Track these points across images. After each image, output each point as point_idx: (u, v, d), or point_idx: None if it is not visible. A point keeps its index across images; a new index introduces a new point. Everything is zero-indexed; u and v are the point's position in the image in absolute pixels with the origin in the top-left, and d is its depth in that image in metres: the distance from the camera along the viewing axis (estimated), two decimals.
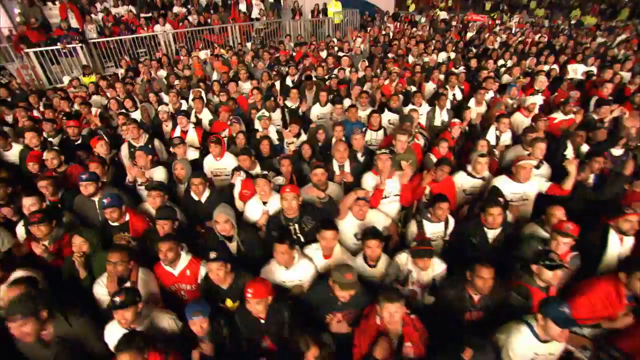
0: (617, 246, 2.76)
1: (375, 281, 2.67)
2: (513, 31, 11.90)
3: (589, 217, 2.97)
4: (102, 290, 2.45)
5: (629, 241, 2.81)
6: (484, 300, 2.39)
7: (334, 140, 4.08)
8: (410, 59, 8.02)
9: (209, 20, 10.56)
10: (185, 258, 2.64)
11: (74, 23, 8.89)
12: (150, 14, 10.16)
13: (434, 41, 9.31)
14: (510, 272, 2.55)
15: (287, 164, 3.55)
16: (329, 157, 3.71)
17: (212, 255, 2.41)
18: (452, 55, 8.26)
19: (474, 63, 7.38)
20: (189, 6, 10.98)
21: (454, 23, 13.03)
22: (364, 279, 2.57)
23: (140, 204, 3.44)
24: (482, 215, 2.84)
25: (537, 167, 3.65)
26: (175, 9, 10.79)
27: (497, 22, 14.42)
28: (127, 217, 2.96)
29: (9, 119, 5.57)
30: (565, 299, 2.20)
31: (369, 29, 11.83)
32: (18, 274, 2.50)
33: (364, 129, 4.43)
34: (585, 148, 4.13)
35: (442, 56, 8.24)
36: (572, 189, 3.17)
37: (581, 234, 2.56)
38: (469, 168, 3.48)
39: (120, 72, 7.86)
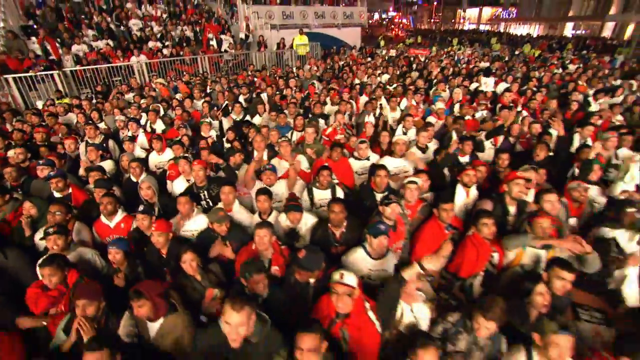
0: (462, 197, 3.57)
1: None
2: (461, 59, 13.49)
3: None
4: (40, 240, 3.13)
5: (473, 192, 3.62)
6: (344, 236, 3.14)
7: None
8: (356, 80, 9.22)
9: (181, 52, 11.78)
10: (120, 214, 3.38)
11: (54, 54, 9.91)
12: (127, 47, 11.31)
13: (381, 67, 10.62)
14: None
15: (205, 153, 4.32)
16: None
17: (140, 208, 3.17)
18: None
19: (408, 81, 8.60)
20: (164, 41, 12.25)
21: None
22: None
23: None
24: (372, 180, 3.63)
25: (424, 151, 4.58)
26: (151, 44, 12.01)
27: (448, 53, 16.20)
28: (70, 190, 3.69)
29: None
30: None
31: (327, 59, 13.23)
32: None
33: (291, 130, 5.36)
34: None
35: (385, 77, 9.47)
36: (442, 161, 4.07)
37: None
38: (355, 153, 4.35)
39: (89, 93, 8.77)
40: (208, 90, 8.52)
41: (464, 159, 4.32)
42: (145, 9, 13.76)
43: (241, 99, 7.53)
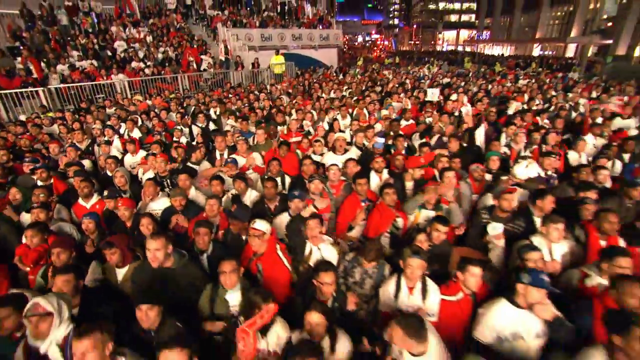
0: (376, 180, 4.35)
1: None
2: (425, 76, 14.75)
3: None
4: (26, 216, 3.76)
5: (385, 176, 4.39)
6: (277, 208, 3.85)
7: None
8: (324, 95, 10.17)
9: (162, 72, 12.64)
10: (95, 197, 4.06)
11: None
12: (110, 67, 12.12)
13: (348, 84, 11.67)
14: None
15: (180, 151, 5.07)
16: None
17: (105, 193, 3.86)
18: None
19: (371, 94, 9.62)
20: (147, 61, 13.12)
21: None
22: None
23: None
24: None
25: (360, 149, 5.40)
26: (134, 64, 12.86)
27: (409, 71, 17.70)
28: (52, 181, 4.35)
29: None
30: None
31: (299, 77, 14.32)
32: None
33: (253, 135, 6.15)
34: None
35: (349, 92, 10.46)
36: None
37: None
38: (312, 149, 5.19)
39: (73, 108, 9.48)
40: (185, 105, 9.33)
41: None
42: (129, 32, 14.70)
43: (212, 111, 8.35)
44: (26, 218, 3.70)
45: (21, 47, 11.77)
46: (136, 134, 6.82)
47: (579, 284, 2.76)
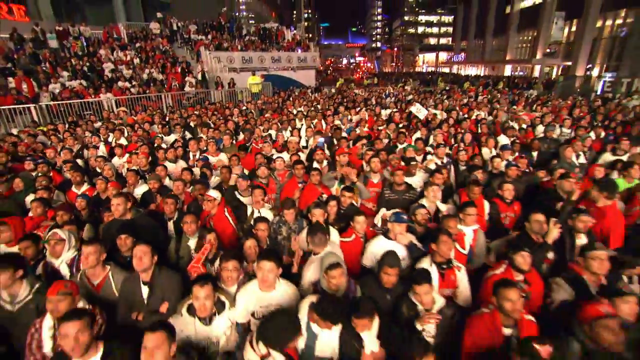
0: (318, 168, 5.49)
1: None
2: (390, 94, 16.34)
3: None
4: (30, 197, 4.74)
5: (324, 164, 5.55)
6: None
7: None
8: (294, 109, 11.46)
9: (147, 91, 13.81)
10: (86, 185, 5.07)
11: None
12: (98, 87, 13.24)
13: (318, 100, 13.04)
14: None
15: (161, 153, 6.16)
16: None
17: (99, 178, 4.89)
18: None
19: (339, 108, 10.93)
20: (133, 81, 14.30)
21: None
22: None
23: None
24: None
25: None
26: (120, 84, 14.01)
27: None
28: (51, 173, 5.35)
29: None
30: None
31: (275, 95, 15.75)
32: None
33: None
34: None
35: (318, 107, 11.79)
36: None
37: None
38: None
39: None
40: (167, 119, 10.45)
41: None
42: (117, 54, 15.94)
43: (191, 123, 9.50)
44: (30, 198, 4.70)
45: (13, 68, 12.85)
46: (123, 142, 7.89)
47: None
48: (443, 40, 64.75)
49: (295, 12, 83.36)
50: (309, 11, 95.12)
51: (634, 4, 24.98)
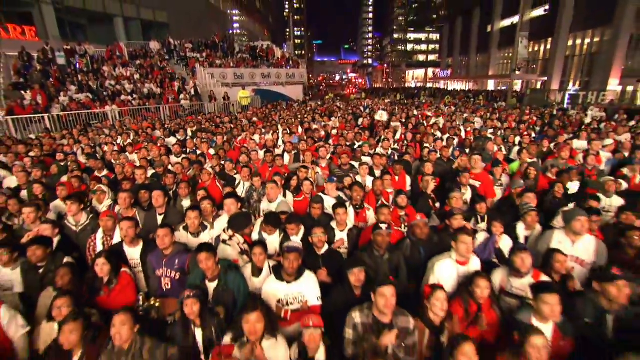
0: (287, 159, 7.14)
1: None
2: (368, 106, 18.27)
3: None
4: (64, 178, 6.30)
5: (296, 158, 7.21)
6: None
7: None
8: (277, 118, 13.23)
9: (147, 103, 15.55)
10: (106, 171, 6.63)
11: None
12: (103, 99, 14.96)
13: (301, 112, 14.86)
14: None
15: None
16: None
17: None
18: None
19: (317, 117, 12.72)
20: (134, 95, 16.05)
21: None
22: None
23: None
24: None
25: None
26: (123, 97, 15.74)
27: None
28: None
29: None
30: None
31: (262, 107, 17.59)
32: None
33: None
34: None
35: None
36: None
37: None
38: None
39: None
40: (167, 126, 12.14)
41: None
42: (119, 71, 17.75)
43: (188, 130, 11.19)
44: (65, 178, 6.27)
45: (26, 83, 14.56)
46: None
47: None
48: (432, 57, 68.10)
49: (287, 30, 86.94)
50: (302, 29, 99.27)
51: (598, 25, 27.60)
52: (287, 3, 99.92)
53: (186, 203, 5.11)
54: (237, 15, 55.84)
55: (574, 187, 5.37)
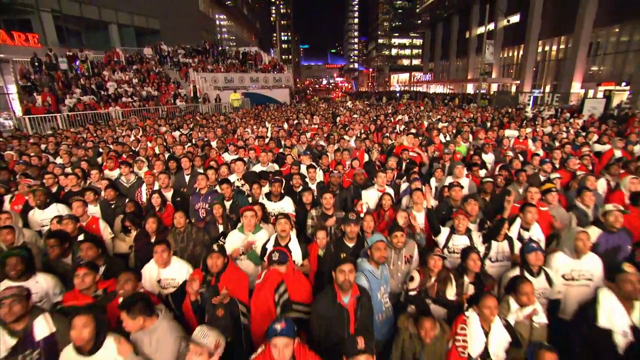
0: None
1: None
2: (351, 107, 20.50)
3: None
4: (99, 159, 8.18)
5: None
6: None
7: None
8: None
9: (146, 105, 17.40)
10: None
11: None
12: (106, 101, 16.77)
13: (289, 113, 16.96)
14: None
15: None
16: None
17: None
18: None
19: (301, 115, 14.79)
20: (134, 97, 17.88)
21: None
22: None
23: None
24: None
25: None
26: (124, 99, 17.56)
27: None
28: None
29: None
30: None
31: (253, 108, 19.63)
32: None
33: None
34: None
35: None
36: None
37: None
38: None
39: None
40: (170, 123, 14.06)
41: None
42: (117, 75, 19.54)
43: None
44: (100, 160, 8.14)
45: (36, 86, 16.27)
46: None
47: None
48: (415, 62, 71.30)
49: (275, 34, 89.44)
50: (289, 34, 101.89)
51: (563, 33, 30.57)
52: (273, 8, 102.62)
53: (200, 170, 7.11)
54: (224, 20, 57.91)
55: (488, 158, 7.58)
